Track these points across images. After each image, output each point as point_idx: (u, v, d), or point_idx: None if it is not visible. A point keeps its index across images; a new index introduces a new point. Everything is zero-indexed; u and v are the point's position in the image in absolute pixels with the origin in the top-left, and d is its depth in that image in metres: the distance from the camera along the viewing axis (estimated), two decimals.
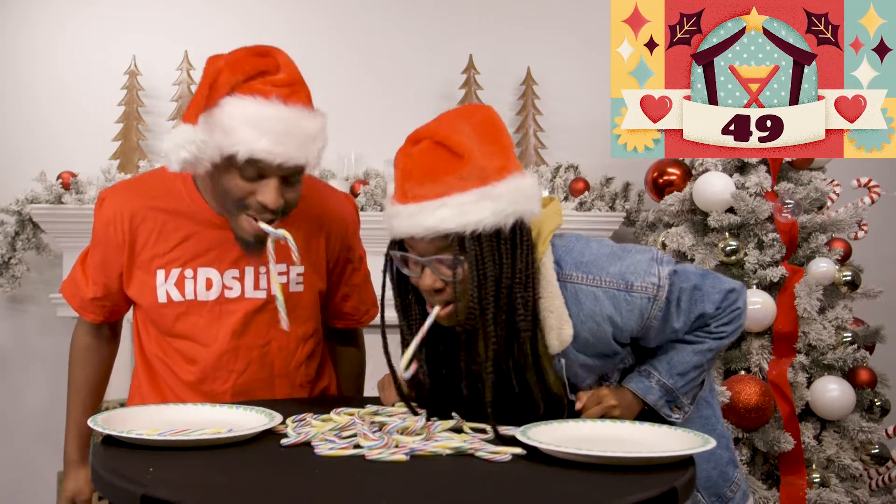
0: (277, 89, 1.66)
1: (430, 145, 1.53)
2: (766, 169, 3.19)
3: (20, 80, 3.74)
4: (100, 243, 1.87)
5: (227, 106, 1.63)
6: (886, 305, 3.28)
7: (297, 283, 1.90)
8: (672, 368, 1.68)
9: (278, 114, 1.64)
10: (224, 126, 1.62)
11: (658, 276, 1.61)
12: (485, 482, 1.27)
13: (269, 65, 1.69)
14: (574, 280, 1.62)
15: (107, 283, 1.89)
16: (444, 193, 1.49)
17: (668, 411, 1.69)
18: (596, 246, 1.67)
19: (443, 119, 1.61)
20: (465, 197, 1.49)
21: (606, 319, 1.61)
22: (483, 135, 1.56)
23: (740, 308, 1.72)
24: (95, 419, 1.50)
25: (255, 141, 1.61)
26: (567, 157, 3.75)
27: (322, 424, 1.56)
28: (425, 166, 1.52)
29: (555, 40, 3.92)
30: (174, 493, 1.16)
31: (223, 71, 1.64)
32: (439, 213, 1.48)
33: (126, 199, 1.84)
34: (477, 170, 1.51)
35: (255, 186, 1.66)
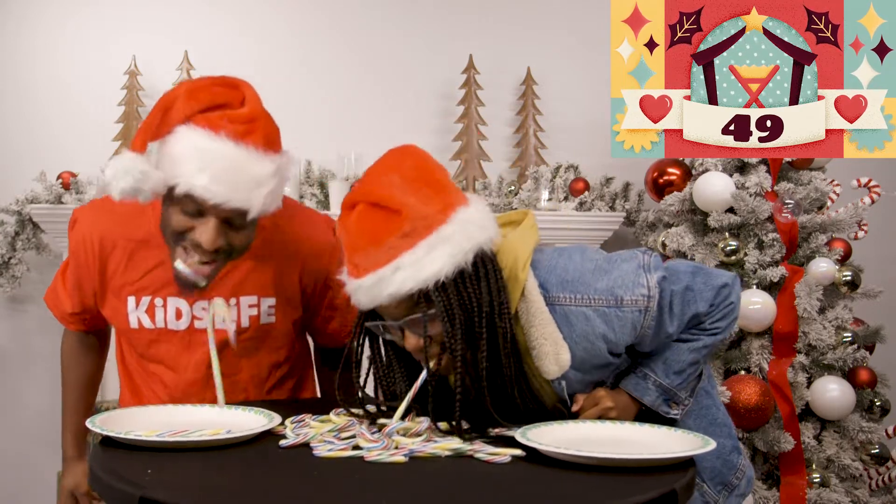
0: (232, 125, 1.57)
1: (365, 209, 1.48)
2: (766, 169, 3.19)
3: (20, 80, 3.74)
4: (74, 263, 1.85)
5: (178, 135, 1.57)
6: (886, 305, 3.28)
7: (268, 315, 1.86)
8: (668, 368, 1.67)
9: (224, 151, 1.55)
10: (171, 156, 1.57)
11: (647, 286, 1.57)
12: (484, 483, 1.27)
13: (231, 97, 1.61)
14: (562, 302, 1.58)
15: (83, 301, 1.89)
16: (394, 256, 1.44)
17: (666, 409, 1.68)
18: (579, 259, 1.62)
19: (372, 175, 1.55)
20: (416, 252, 1.44)
21: (600, 337, 1.58)
22: (415, 181, 1.50)
23: (734, 302, 1.69)
24: (94, 420, 1.50)
25: (194, 176, 1.54)
26: (567, 157, 3.75)
27: (321, 426, 1.55)
28: (366, 234, 1.47)
29: (555, 40, 3.92)
30: (172, 494, 1.16)
31: (179, 98, 1.58)
32: (397, 278, 1.44)
33: (96, 223, 1.80)
34: (419, 220, 1.45)
35: (195, 223, 1.60)
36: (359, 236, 1.48)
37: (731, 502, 1.81)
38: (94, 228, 1.80)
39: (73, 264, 1.85)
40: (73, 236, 1.84)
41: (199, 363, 1.83)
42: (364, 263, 1.46)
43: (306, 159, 3.63)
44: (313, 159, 3.64)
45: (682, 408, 1.70)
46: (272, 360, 1.92)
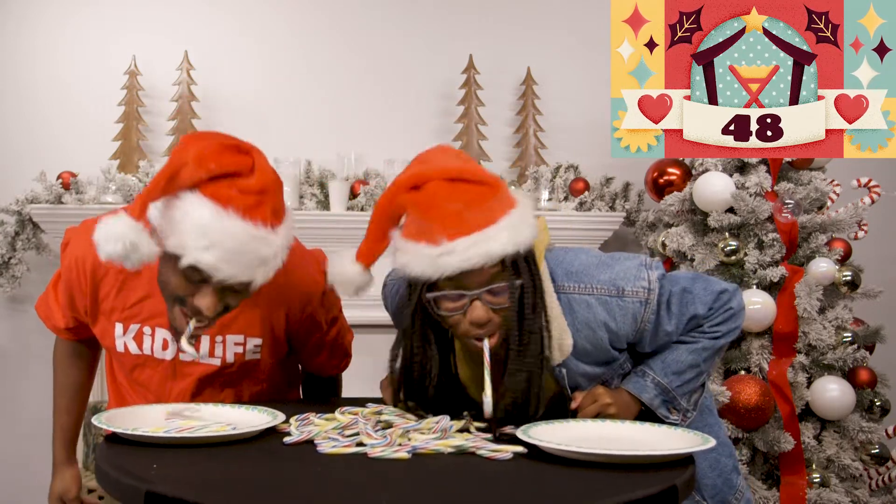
0: (242, 198, 1.50)
1: (445, 183, 1.49)
2: (766, 169, 3.19)
3: (20, 80, 3.74)
4: (66, 282, 1.84)
5: (186, 204, 1.50)
6: (886, 305, 3.28)
7: (253, 353, 1.86)
8: (667, 367, 1.69)
9: (233, 230, 1.49)
10: (177, 225, 1.50)
11: (648, 279, 1.63)
12: (486, 480, 1.27)
13: (241, 165, 1.54)
14: (566, 290, 1.63)
15: (75, 316, 1.89)
16: (494, 219, 1.48)
17: (664, 412, 1.69)
18: (584, 256, 1.69)
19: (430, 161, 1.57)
20: (512, 218, 1.50)
21: (601, 325, 1.62)
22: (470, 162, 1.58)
23: (733, 308, 1.72)
24: (100, 417, 1.50)
25: (202, 252, 1.48)
26: (567, 157, 3.75)
27: (325, 423, 1.56)
28: (458, 199, 1.48)
29: (555, 40, 3.93)
30: (178, 489, 1.16)
31: (188, 165, 1.49)
32: (501, 237, 1.47)
33: (90, 248, 1.68)
34: (505, 192, 1.53)
35: (195, 289, 1.55)
36: (449, 201, 1.48)
37: None
38: (86, 253, 1.75)
39: (65, 283, 1.84)
40: (65, 257, 1.83)
41: (182, 392, 1.85)
42: (461, 225, 1.46)
43: (306, 159, 3.63)
44: (313, 159, 3.64)
45: (683, 417, 1.71)
46: (254, 391, 1.93)
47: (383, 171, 3.60)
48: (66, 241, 1.85)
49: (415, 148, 3.95)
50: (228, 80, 3.79)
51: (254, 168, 1.54)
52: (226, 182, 1.50)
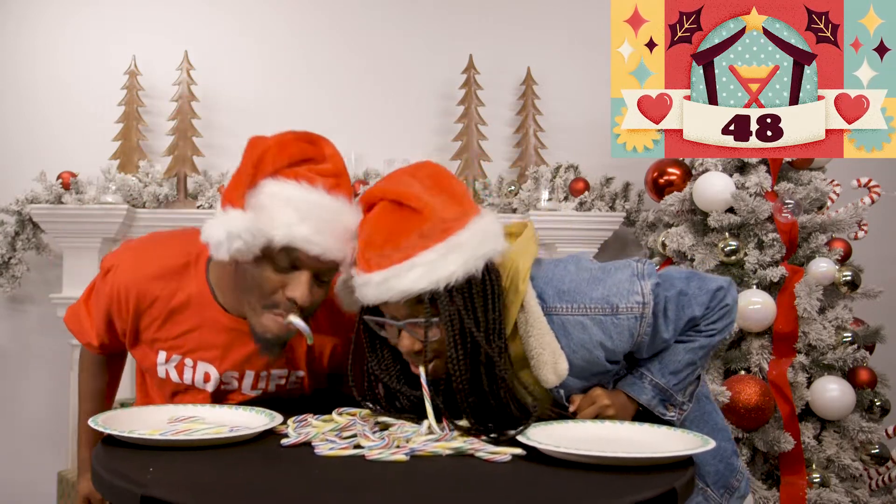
0: (323, 178, 1.56)
1: (386, 206, 1.49)
2: (766, 169, 3.19)
3: (20, 80, 3.74)
4: (104, 307, 1.80)
5: (269, 187, 1.54)
6: (886, 305, 3.28)
7: (294, 383, 1.88)
8: (664, 368, 1.68)
9: (322, 202, 1.54)
10: (263, 207, 1.52)
11: (641, 292, 1.59)
12: (484, 482, 1.27)
13: (315, 153, 1.60)
14: (559, 311, 1.60)
15: (111, 338, 1.87)
16: (410, 255, 1.45)
17: (662, 410, 1.69)
18: (574, 270, 1.64)
19: (393, 177, 1.56)
20: (431, 253, 1.45)
21: (598, 346, 1.60)
22: (434, 187, 1.52)
23: (729, 304, 1.70)
24: (96, 419, 1.50)
25: (296, 225, 1.51)
26: (567, 157, 3.75)
27: (323, 425, 1.56)
28: (385, 230, 1.48)
29: (555, 40, 3.93)
30: (174, 493, 1.16)
31: (269, 150, 1.55)
32: (410, 276, 1.44)
33: (133, 279, 1.74)
34: (437, 223, 1.46)
35: (286, 279, 1.57)
36: (377, 232, 1.48)
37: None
38: (131, 284, 1.74)
39: (104, 308, 1.80)
40: (107, 283, 1.78)
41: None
42: (377, 259, 1.46)
43: None
44: None
45: (679, 411, 1.71)
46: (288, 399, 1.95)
47: (383, 171, 3.60)
48: (109, 265, 1.79)
49: (415, 148, 3.99)
50: (228, 80, 3.79)
51: (325, 156, 1.61)
52: (304, 166, 1.56)
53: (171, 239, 1.84)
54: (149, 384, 1.95)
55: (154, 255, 1.77)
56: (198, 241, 1.69)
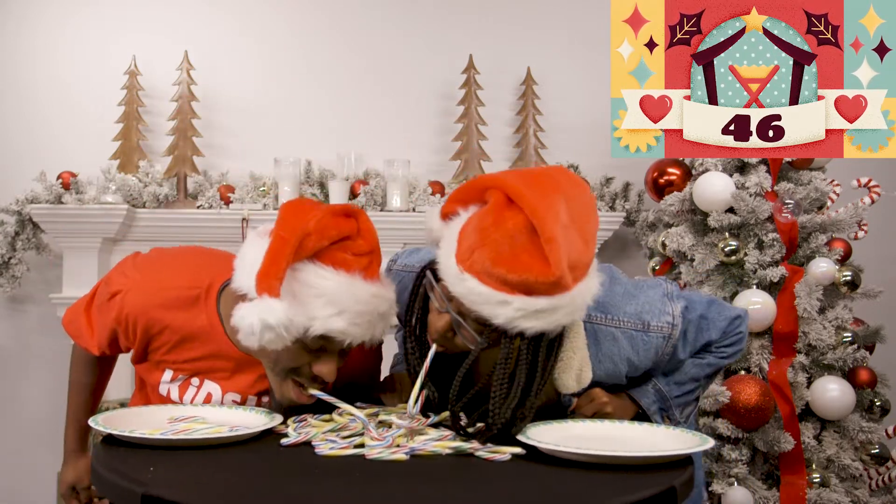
0: (357, 260, 1.55)
1: (523, 225, 1.37)
2: (766, 169, 3.19)
3: (20, 80, 3.74)
4: (110, 327, 1.79)
5: (305, 273, 1.51)
6: (886, 305, 3.28)
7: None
8: (670, 377, 1.70)
9: (358, 292, 1.53)
10: (297, 294, 1.50)
11: (672, 314, 1.62)
12: (484, 482, 1.27)
13: (351, 229, 1.57)
14: (593, 320, 1.60)
15: (112, 350, 1.87)
16: (512, 293, 1.36)
17: (658, 419, 1.71)
18: (608, 282, 1.61)
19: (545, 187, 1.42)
20: (530, 302, 1.36)
21: (624, 360, 1.62)
22: (577, 226, 1.42)
23: (742, 333, 1.75)
24: (96, 419, 1.50)
25: (332, 319, 1.51)
26: (567, 157, 3.75)
27: (323, 424, 1.56)
28: (507, 251, 1.37)
29: (555, 40, 3.93)
30: (174, 492, 1.16)
31: (312, 235, 1.51)
32: (497, 308, 1.37)
33: (142, 308, 1.72)
34: (554, 281, 1.35)
35: (314, 357, 1.58)
36: (498, 247, 1.37)
37: None
38: (140, 312, 1.73)
39: (109, 325, 1.78)
40: (113, 307, 1.75)
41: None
42: (483, 267, 1.38)
43: (306, 159, 3.63)
44: (313, 159, 3.64)
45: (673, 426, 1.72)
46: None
47: (383, 171, 3.60)
48: (117, 289, 1.76)
49: (415, 148, 3.99)
50: (228, 80, 3.79)
51: (360, 230, 1.58)
52: (340, 247, 1.54)
53: (182, 265, 1.81)
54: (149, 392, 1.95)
55: (164, 284, 1.74)
56: (207, 270, 1.73)
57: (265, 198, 3.54)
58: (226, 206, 3.51)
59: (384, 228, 3.50)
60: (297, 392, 1.62)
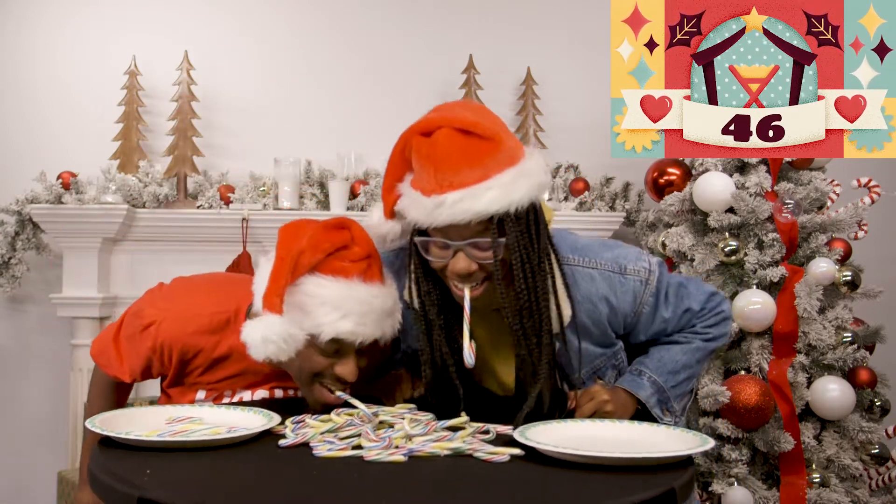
0: (356, 265, 1.66)
1: (453, 133, 1.51)
2: (766, 169, 3.19)
3: (20, 80, 3.74)
4: (144, 357, 1.87)
5: (307, 285, 1.64)
6: (886, 305, 3.28)
7: None
8: (662, 366, 1.72)
9: (359, 294, 1.64)
10: (303, 305, 1.63)
11: (648, 262, 1.71)
12: (483, 483, 1.27)
13: (345, 239, 1.69)
14: (571, 262, 1.68)
15: (145, 377, 1.94)
16: (487, 176, 1.49)
17: (659, 412, 1.72)
18: (586, 237, 1.76)
19: (446, 108, 1.60)
20: (505, 177, 1.50)
21: (602, 299, 1.67)
22: (489, 118, 1.58)
23: (724, 311, 1.78)
24: (93, 421, 1.50)
25: (338, 322, 1.62)
26: (567, 157, 3.75)
27: (321, 425, 1.56)
28: (461, 152, 1.50)
29: (555, 40, 3.93)
30: (171, 495, 1.15)
31: (306, 252, 1.64)
32: (488, 196, 1.48)
33: (177, 336, 1.82)
34: (508, 149, 1.52)
35: (333, 360, 1.69)
36: (450, 154, 1.50)
37: None
38: (175, 340, 1.82)
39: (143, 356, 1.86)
40: (147, 338, 1.84)
41: None
42: (451, 179, 1.49)
43: (306, 159, 3.63)
44: (313, 159, 3.64)
45: (675, 419, 1.73)
46: None
47: (383, 171, 3.59)
48: (150, 322, 1.85)
49: None
50: (228, 80, 3.79)
51: (353, 239, 1.70)
52: (337, 256, 1.66)
53: (209, 292, 1.91)
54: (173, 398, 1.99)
55: (196, 312, 1.84)
56: (234, 296, 1.84)
57: (265, 198, 3.54)
58: (226, 206, 3.51)
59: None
60: (325, 395, 1.72)
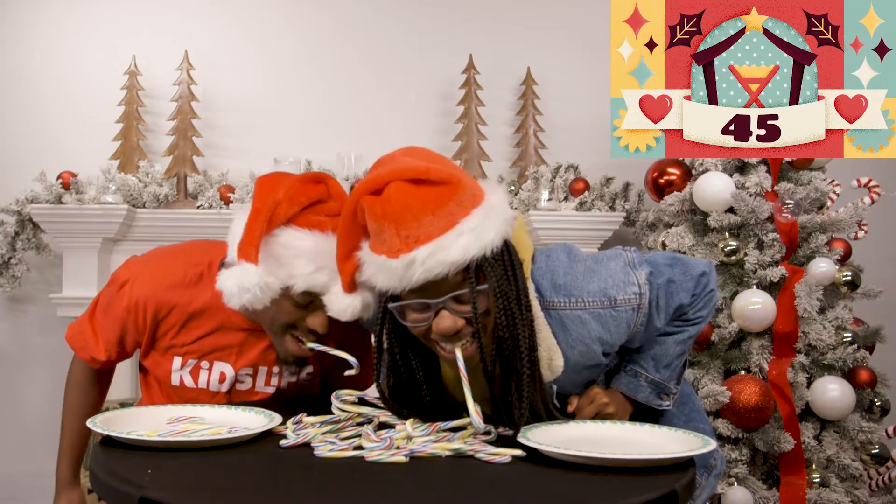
0: (331, 220, 1.67)
1: (404, 185, 1.40)
2: (766, 169, 3.19)
3: (20, 80, 3.74)
4: (117, 322, 1.87)
5: (283, 236, 1.66)
6: (886, 305, 3.28)
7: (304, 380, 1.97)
8: (658, 364, 1.70)
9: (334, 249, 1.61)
10: (279, 257, 1.65)
11: (637, 283, 1.58)
12: (484, 484, 1.27)
13: (321, 192, 1.71)
14: (557, 307, 1.57)
15: (121, 352, 1.93)
16: (453, 223, 1.39)
17: (658, 402, 1.72)
18: (567, 261, 1.61)
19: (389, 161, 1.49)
20: (472, 220, 1.41)
21: (596, 340, 1.58)
22: (439, 160, 1.49)
23: (713, 289, 1.72)
24: (94, 420, 1.50)
25: (313, 274, 1.65)
26: (567, 157, 3.75)
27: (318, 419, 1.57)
28: (418, 203, 1.39)
29: (555, 40, 3.93)
30: (173, 495, 1.16)
31: (282, 203, 1.66)
32: (459, 243, 1.38)
33: (150, 291, 1.83)
34: (467, 190, 1.43)
35: (305, 312, 1.71)
36: (409, 206, 1.39)
37: (711, 483, 1.84)
38: (150, 294, 1.83)
39: (118, 322, 1.87)
40: (122, 297, 1.85)
41: None
42: (418, 233, 1.38)
43: (306, 159, 3.63)
44: (313, 159, 3.64)
45: (672, 396, 1.74)
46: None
47: None
48: (125, 280, 1.85)
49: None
50: (228, 80, 3.79)
51: (330, 193, 1.73)
52: (313, 210, 1.69)
53: (180, 251, 1.92)
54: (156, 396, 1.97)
55: (169, 267, 1.86)
56: (206, 251, 1.85)
57: None
58: (226, 206, 3.51)
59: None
60: (296, 346, 1.76)
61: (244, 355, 1.87)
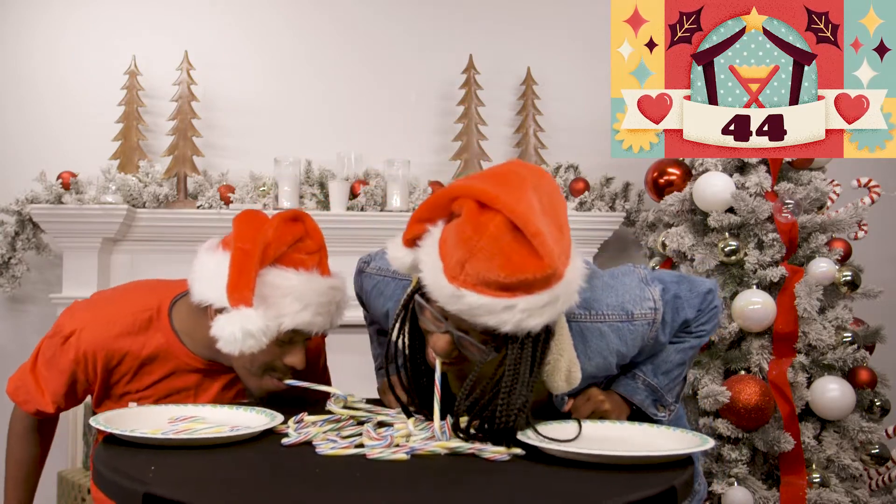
0: (311, 258, 1.73)
1: (505, 226, 1.33)
2: (766, 169, 3.19)
3: (20, 80, 3.74)
4: (64, 373, 1.82)
5: (270, 276, 1.69)
6: (886, 305, 3.28)
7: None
8: (657, 369, 1.71)
9: (317, 286, 1.71)
10: (266, 297, 1.67)
11: (653, 298, 1.61)
12: (484, 481, 1.27)
13: (301, 231, 1.75)
14: (578, 318, 1.58)
15: (67, 401, 1.88)
16: (514, 294, 1.33)
17: (654, 410, 1.72)
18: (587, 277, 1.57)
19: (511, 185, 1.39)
20: (533, 300, 1.34)
21: (614, 353, 1.61)
22: (550, 213, 1.40)
23: (717, 306, 1.75)
24: (97, 419, 1.51)
25: (299, 313, 1.69)
26: (567, 157, 3.75)
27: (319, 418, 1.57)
28: (500, 255, 1.33)
29: (555, 40, 3.93)
30: (176, 491, 1.16)
31: (272, 245, 1.69)
32: (504, 316, 1.34)
33: (99, 341, 1.79)
34: (550, 268, 1.33)
35: (284, 350, 1.75)
36: (493, 254, 1.33)
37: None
38: (98, 345, 1.79)
39: (63, 373, 1.82)
40: (67, 350, 1.81)
41: None
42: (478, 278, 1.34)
43: (306, 159, 3.63)
44: (313, 159, 3.64)
45: (669, 412, 1.73)
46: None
47: (383, 171, 3.60)
48: (71, 331, 1.81)
49: (415, 148, 4.00)
50: (228, 80, 3.79)
51: (307, 231, 1.76)
52: (295, 248, 1.73)
53: (126, 296, 1.89)
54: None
55: (116, 314, 1.82)
56: (153, 294, 1.83)
57: (265, 198, 3.54)
58: (226, 206, 3.51)
59: (384, 228, 3.53)
60: (274, 384, 1.78)
61: (201, 396, 1.87)
